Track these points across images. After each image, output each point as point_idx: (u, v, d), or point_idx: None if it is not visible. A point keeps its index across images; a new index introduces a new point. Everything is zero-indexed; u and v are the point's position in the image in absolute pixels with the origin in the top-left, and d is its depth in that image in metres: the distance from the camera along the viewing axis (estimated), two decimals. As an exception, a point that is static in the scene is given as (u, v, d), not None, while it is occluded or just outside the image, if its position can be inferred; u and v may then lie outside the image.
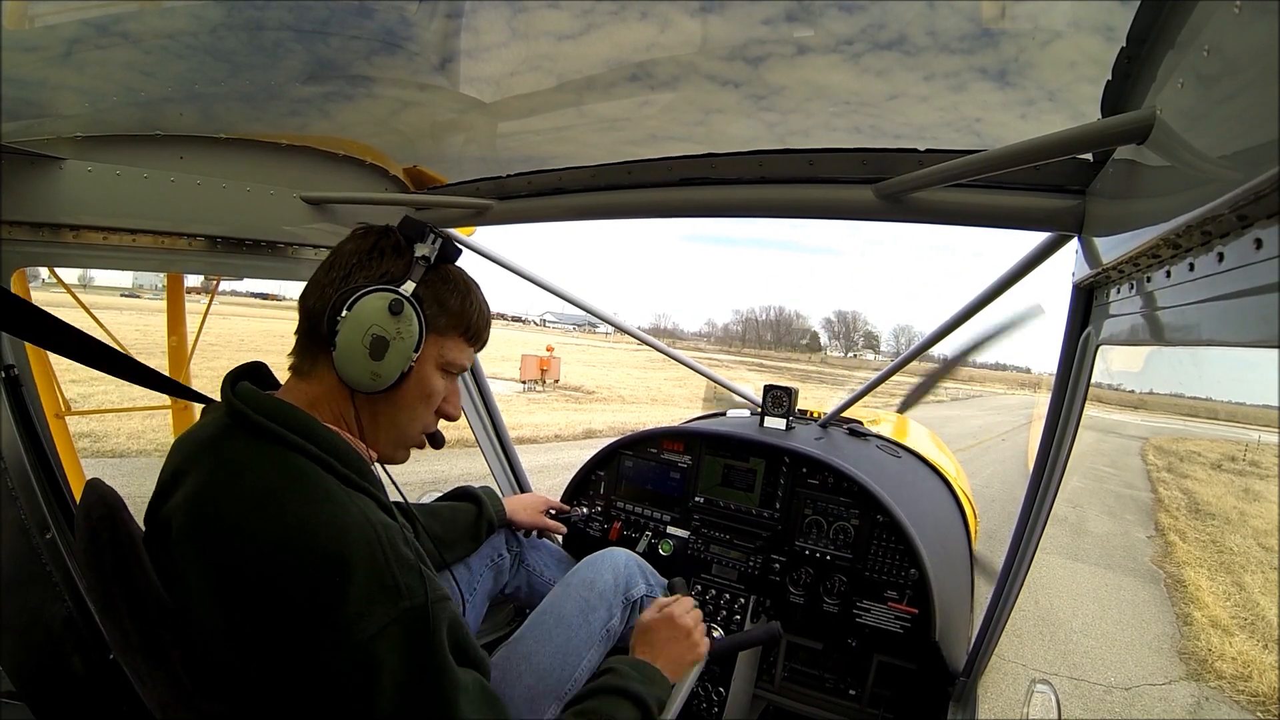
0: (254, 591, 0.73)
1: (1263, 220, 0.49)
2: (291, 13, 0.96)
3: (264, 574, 0.73)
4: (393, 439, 0.97)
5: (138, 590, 0.78)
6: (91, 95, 1.19)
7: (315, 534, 0.74)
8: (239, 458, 0.81)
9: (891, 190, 1.13)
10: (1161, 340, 0.74)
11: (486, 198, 1.66)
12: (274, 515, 0.75)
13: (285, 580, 0.72)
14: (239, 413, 0.83)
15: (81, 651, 1.33)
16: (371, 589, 0.74)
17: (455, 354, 0.98)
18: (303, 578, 0.72)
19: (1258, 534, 9.27)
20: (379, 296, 0.88)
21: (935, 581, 1.60)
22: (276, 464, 0.80)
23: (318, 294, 0.92)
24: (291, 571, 0.72)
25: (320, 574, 0.72)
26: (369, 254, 0.93)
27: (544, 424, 12.04)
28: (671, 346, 2.48)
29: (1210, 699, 4.42)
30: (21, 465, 1.31)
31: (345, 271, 0.92)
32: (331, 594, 0.72)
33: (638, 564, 1.57)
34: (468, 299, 0.99)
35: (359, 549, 0.75)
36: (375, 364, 0.88)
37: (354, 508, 0.79)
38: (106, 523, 0.80)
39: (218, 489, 0.78)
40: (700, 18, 0.93)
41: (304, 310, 0.94)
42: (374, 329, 0.87)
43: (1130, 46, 0.74)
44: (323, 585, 0.72)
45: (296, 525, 0.74)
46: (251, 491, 0.77)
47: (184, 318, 3.99)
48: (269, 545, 0.73)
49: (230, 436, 0.83)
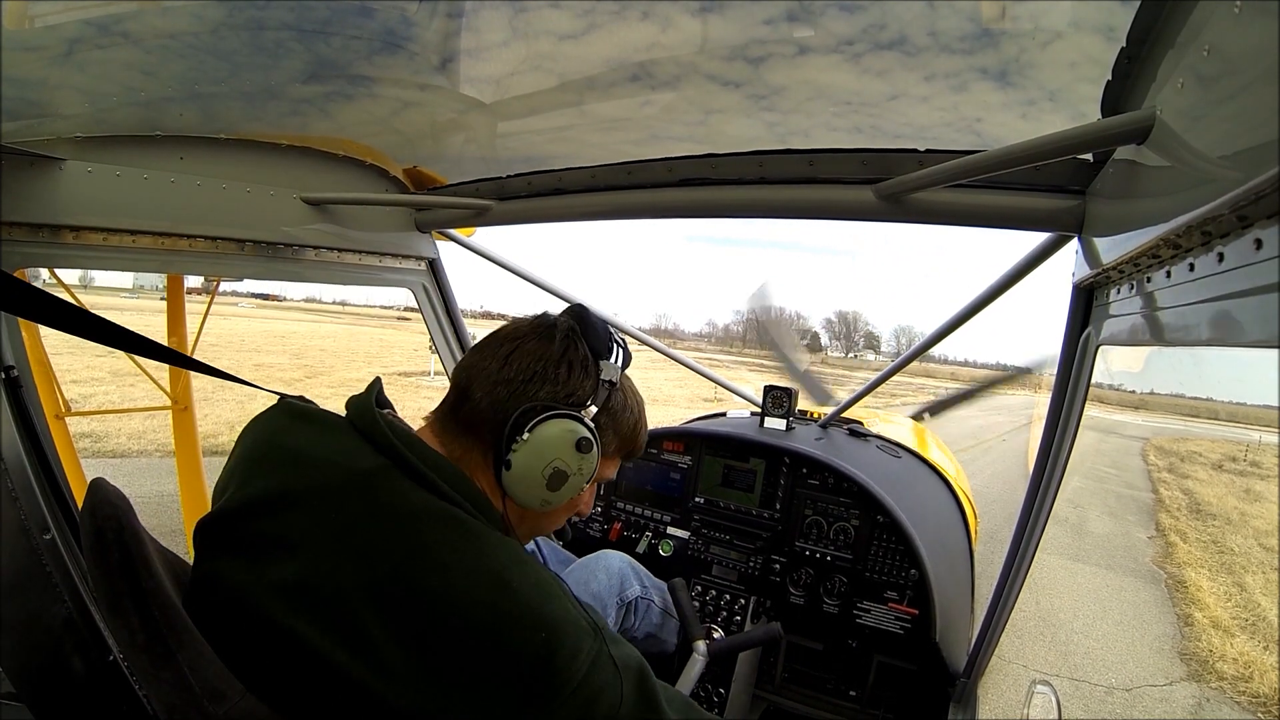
0: (463, 649, 0.70)
1: (1263, 220, 0.49)
2: (292, 12, 0.96)
3: (477, 633, 0.70)
4: (527, 534, 0.95)
5: (145, 589, 0.78)
6: (92, 95, 1.19)
7: (521, 598, 0.72)
8: (413, 510, 0.76)
9: (892, 191, 1.13)
10: (1162, 340, 0.74)
11: (486, 198, 1.66)
12: (472, 583, 0.72)
13: (500, 647, 0.70)
14: (402, 458, 0.78)
15: (81, 652, 1.33)
16: (578, 629, 0.73)
17: (611, 470, 0.96)
18: (527, 636, 0.70)
19: (1259, 534, 9.27)
20: (566, 426, 0.83)
21: (935, 582, 1.60)
22: (453, 524, 0.76)
23: (487, 389, 0.85)
24: (506, 639, 0.70)
25: (533, 635, 0.70)
26: (557, 365, 0.86)
27: (544, 424, 11.99)
28: (672, 347, 2.48)
29: (1211, 700, 4.42)
30: (21, 465, 1.31)
31: (526, 376, 0.85)
32: (547, 651, 0.70)
33: (631, 566, 1.57)
34: (639, 421, 0.96)
35: (556, 602, 0.74)
36: (549, 494, 0.84)
37: (531, 560, 0.78)
38: (112, 522, 0.80)
39: (399, 547, 0.74)
40: (701, 18, 0.93)
41: (463, 395, 0.87)
42: (556, 462, 0.83)
43: (1130, 47, 0.74)
44: (538, 645, 0.70)
45: (499, 588, 0.72)
46: (440, 557, 0.73)
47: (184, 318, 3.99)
48: (479, 613, 0.71)
49: (396, 480, 0.78)
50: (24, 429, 1.32)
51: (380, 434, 0.80)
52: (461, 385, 0.87)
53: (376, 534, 0.74)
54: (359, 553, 0.74)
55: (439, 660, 0.70)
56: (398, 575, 0.72)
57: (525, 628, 0.71)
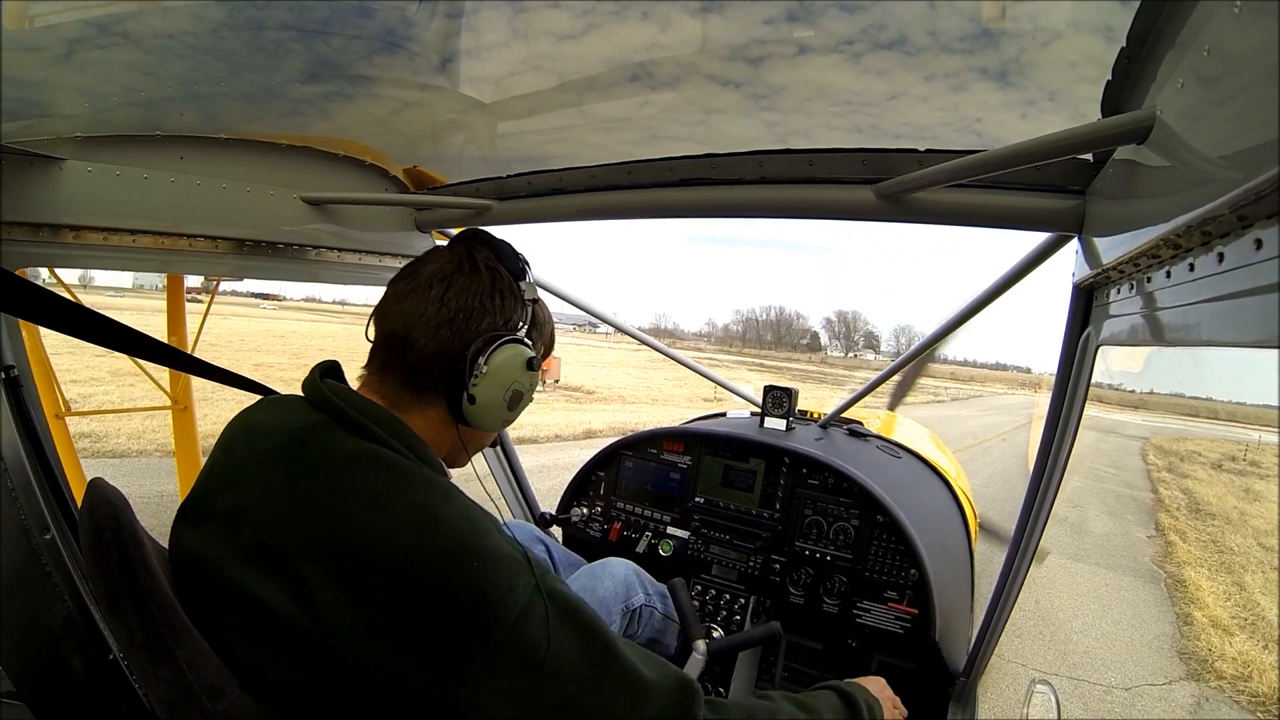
0: (398, 590, 0.71)
1: (1263, 220, 0.49)
2: (292, 12, 0.96)
3: (408, 570, 0.71)
4: (470, 450, 1.00)
5: (143, 588, 0.79)
6: (92, 95, 1.19)
7: (449, 531, 0.74)
8: (345, 453, 0.79)
9: (892, 190, 1.13)
10: (1162, 340, 0.74)
11: (486, 198, 1.66)
12: (403, 522, 0.74)
13: (438, 575, 0.71)
14: (337, 409, 0.83)
15: (81, 651, 1.33)
16: (511, 564, 0.74)
17: None
18: (461, 570, 0.71)
19: (1258, 534, 9.27)
20: (514, 351, 0.90)
21: (935, 582, 1.60)
22: (384, 467, 0.79)
23: (430, 333, 0.88)
24: (446, 567, 0.71)
25: (471, 560, 0.72)
26: (491, 296, 0.91)
27: (544, 424, 12.04)
28: (671, 347, 2.48)
29: (1210, 699, 4.42)
30: (21, 465, 1.31)
31: (467, 314, 0.89)
32: (487, 578, 0.71)
33: (636, 573, 1.57)
34: (548, 324, 1.02)
35: (487, 529, 0.76)
36: (509, 414, 0.93)
37: (461, 496, 0.80)
38: (111, 521, 0.81)
39: (325, 485, 0.77)
40: (701, 18, 0.93)
41: (406, 344, 0.89)
42: (514, 385, 0.91)
43: (1130, 46, 0.74)
44: (476, 571, 0.72)
45: (429, 518, 0.74)
46: (372, 498, 0.76)
47: (184, 318, 3.99)
48: (409, 542, 0.72)
49: (331, 431, 0.82)
50: (24, 429, 1.32)
51: (317, 394, 0.85)
52: (400, 335, 0.89)
53: (311, 483, 0.78)
54: (296, 504, 0.77)
55: (377, 604, 0.71)
56: (330, 521, 0.74)
57: (457, 561, 0.72)
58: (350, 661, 0.70)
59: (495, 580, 0.72)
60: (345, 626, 0.70)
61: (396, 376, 0.90)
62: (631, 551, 1.93)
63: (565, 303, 2.12)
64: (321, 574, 0.72)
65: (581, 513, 2.05)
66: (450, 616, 0.70)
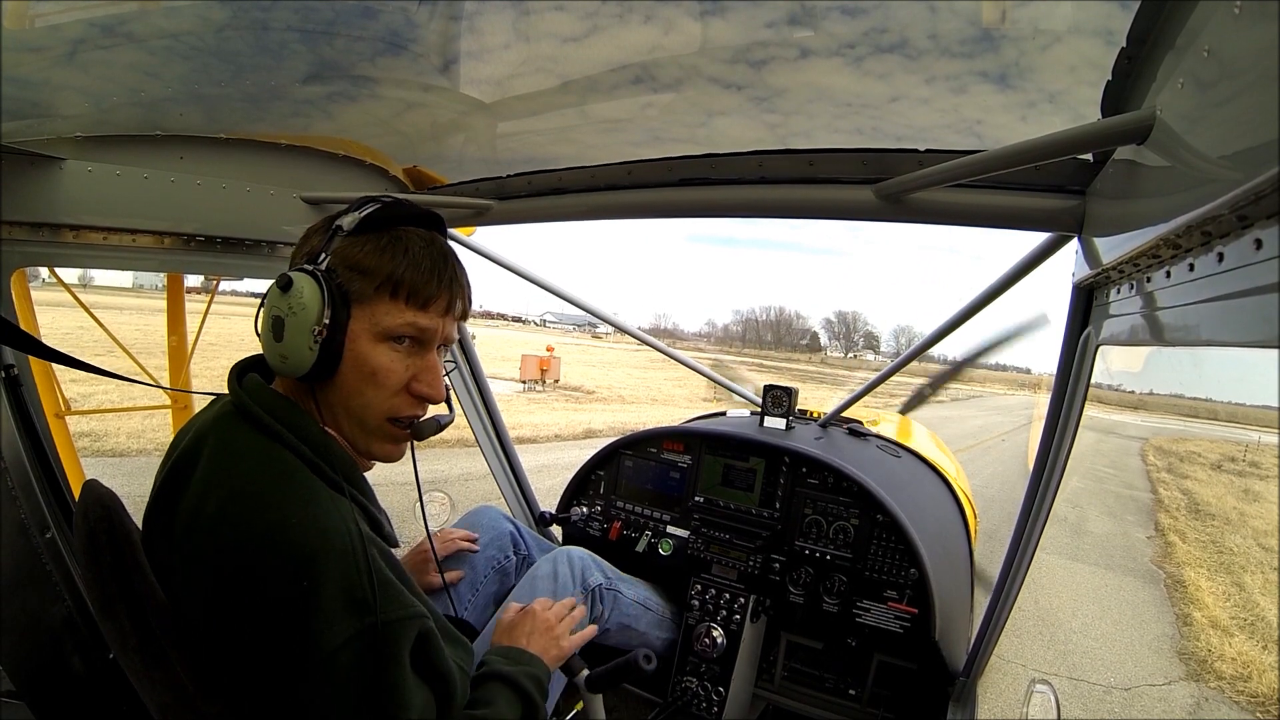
0: (232, 588, 0.73)
1: (1263, 220, 0.49)
2: (297, 14, 0.97)
3: (242, 571, 0.72)
4: (356, 430, 0.89)
5: (136, 591, 0.79)
6: (94, 95, 1.19)
7: (293, 535, 0.73)
8: (234, 449, 0.81)
9: (892, 190, 1.14)
10: (1161, 340, 0.74)
11: (487, 198, 1.66)
12: (256, 512, 0.75)
13: (261, 580, 0.72)
14: (241, 404, 0.84)
15: (81, 651, 1.33)
16: (341, 598, 0.73)
17: (390, 319, 0.86)
18: (278, 579, 0.72)
19: (1257, 534, 9.28)
20: (279, 281, 0.84)
21: (935, 581, 1.60)
22: (267, 459, 0.80)
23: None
24: (268, 571, 0.72)
25: (294, 577, 0.72)
26: (302, 243, 0.92)
27: (544, 424, 12.03)
28: (672, 347, 2.48)
29: (1210, 699, 4.42)
30: (21, 465, 1.31)
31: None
32: (304, 599, 0.71)
33: (592, 559, 1.61)
34: (388, 253, 0.86)
35: (334, 556, 0.74)
36: (278, 345, 0.83)
37: (336, 513, 0.77)
38: (104, 524, 0.81)
39: (210, 482, 0.79)
40: (703, 21, 0.93)
41: None
42: (272, 310, 0.84)
43: (1130, 47, 0.74)
44: (296, 589, 0.71)
45: (277, 524, 0.73)
46: (239, 485, 0.77)
47: (184, 318, 3.99)
48: (249, 543, 0.73)
49: (230, 426, 0.83)
50: (24, 428, 1.33)
51: (233, 391, 0.86)
52: None
53: (207, 473, 0.80)
54: (195, 494, 0.79)
55: (212, 603, 0.75)
56: (215, 513, 0.76)
57: (291, 576, 0.73)
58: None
59: (323, 590, 0.73)
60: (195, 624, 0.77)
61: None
62: (631, 551, 1.94)
63: (566, 303, 2.12)
64: (185, 569, 0.77)
65: (581, 512, 2.05)
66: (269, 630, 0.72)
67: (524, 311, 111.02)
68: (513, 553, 1.62)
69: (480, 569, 1.55)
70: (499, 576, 1.58)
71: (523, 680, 1.02)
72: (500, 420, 2.26)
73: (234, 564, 0.73)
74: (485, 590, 1.54)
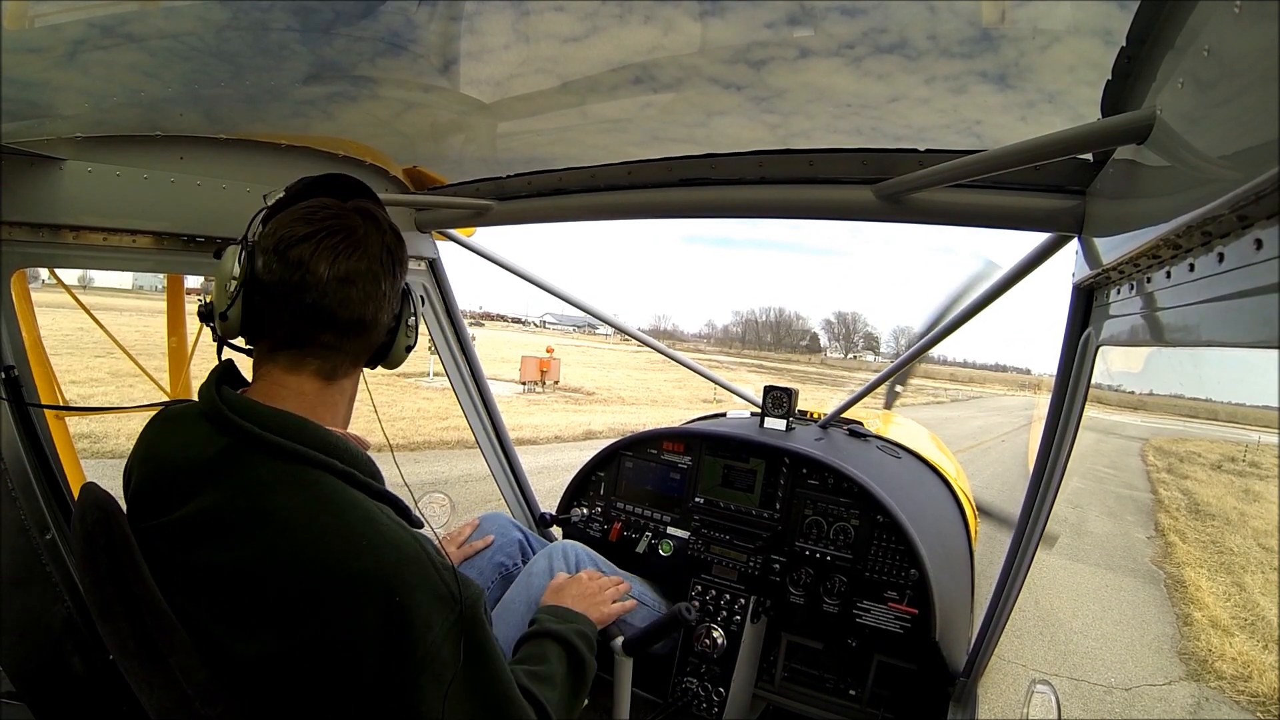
0: (315, 626, 0.73)
1: (1263, 220, 0.49)
2: (297, 15, 0.96)
3: (323, 607, 0.74)
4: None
5: (134, 595, 0.78)
6: (94, 96, 1.19)
7: (367, 562, 0.75)
8: (262, 481, 0.79)
9: (891, 190, 1.14)
10: (1161, 341, 0.74)
11: (486, 198, 1.66)
12: (319, 549, 0.75)
13: (356, 612, 0.73)
14: (249, 434, 0.80)
15: (81, 652, 1.33)
16: (430, 599, 0.76)
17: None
18: (372, 608, 0.73)
19: (1258, 534, 9.28)
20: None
21: (935, 582, 1.60)
22: (305, 488, 0.79)
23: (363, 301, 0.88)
24: (359, 603, 0.73)
25: (386, 598, 0.73)
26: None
27: (544, 425, 12.04)
28: (671, 348, 2.48)
29: (1210, 699, 4.42)
30: (21, 465, 1.31)
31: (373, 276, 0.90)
32: (402, 613, 0.73)
33: (587, 552, 1.64)
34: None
35: (411, 564, 0.77)
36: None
37: (389, 521, 0.79)
38: (102, 527, 0.80)
39: (251, 520, 0.77)
40: (703, 21, 0.93)
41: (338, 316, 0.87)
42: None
43: (1130, 47, 0.74)
44: (390, 605, 0.73)
45: (350, 554, 0.75)
46: (292, 523, 0.76)
47: (184, 318, 3.98)
48: (321, 582, 0.74)
49: (243, 457, 0.80)
50: (24, 428, 1.32)
51: (221, 417, 0.82)
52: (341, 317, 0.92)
53: (229, 515, 0.78)
54: (222, 535, 0.78)
55: (291, 629, 0.74)
56: (258, 552, 0.76)
57: (375, 593, 0.74)
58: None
59: (415, 609, 0.75)
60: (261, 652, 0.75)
61: (308, 351, 0.89)
62: (631, 551, 1.94)
63: (566, 304, 2.12)
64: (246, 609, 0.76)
65: (581, 513, 2.05)
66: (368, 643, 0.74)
67: (524, 313, 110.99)
68: (520, 560, 1.64)
69: (487, 574, 1.58)
70: (503, 582, 1.59)
71: (572, 637, 1.12)
72: (500, 421, 2.26)
73: (310, 604, 0.74)
74: (489, 595, 1.56)
